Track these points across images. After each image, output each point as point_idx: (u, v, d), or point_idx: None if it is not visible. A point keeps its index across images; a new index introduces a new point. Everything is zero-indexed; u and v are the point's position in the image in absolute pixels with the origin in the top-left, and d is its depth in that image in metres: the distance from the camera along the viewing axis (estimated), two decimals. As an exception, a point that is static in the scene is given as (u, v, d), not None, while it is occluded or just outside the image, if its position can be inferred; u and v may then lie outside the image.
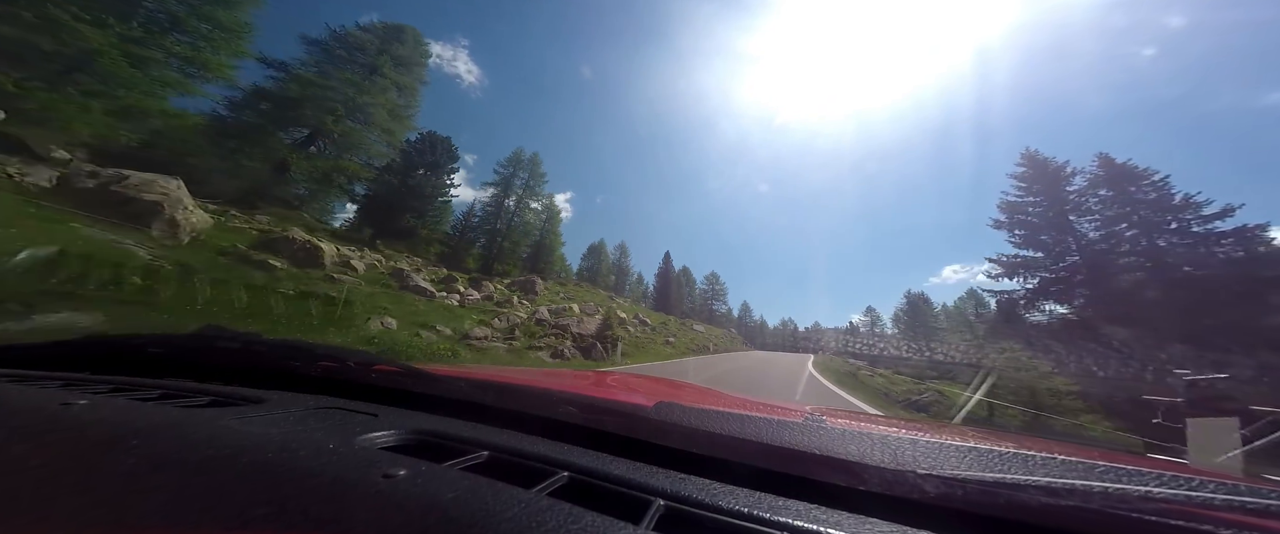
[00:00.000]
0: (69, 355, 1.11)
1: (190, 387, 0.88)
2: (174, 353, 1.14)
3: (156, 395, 0.79)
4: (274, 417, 0.73)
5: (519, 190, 41.14)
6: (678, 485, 0.56)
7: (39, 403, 0.61)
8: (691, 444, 0.69)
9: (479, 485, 0.46)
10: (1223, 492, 0.48)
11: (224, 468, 0.45)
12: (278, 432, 0.57)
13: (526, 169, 41.96)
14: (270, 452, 0.49)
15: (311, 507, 0.39)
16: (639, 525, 0.44)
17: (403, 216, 29.11)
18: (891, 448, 0.61)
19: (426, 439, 0.70)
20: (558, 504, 0.43)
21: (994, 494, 0.52)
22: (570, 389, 1.09)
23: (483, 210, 40.29)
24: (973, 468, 0.55)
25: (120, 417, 0.56)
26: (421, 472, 0.48)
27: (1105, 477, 0.51)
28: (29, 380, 0.86)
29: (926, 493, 0.54)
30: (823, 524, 0.49)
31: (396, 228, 28.64)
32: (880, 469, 0.57)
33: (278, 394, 0.89)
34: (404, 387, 0.98)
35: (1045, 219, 23.89)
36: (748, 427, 0.69)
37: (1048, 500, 0.49)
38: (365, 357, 1.10)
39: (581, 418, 0.80)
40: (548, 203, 45.18)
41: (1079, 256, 22.33)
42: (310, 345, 1.12)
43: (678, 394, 1.34)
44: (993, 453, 0.59)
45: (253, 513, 0.38)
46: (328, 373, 1.05)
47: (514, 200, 40.47)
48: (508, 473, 0.56)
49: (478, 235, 38.66)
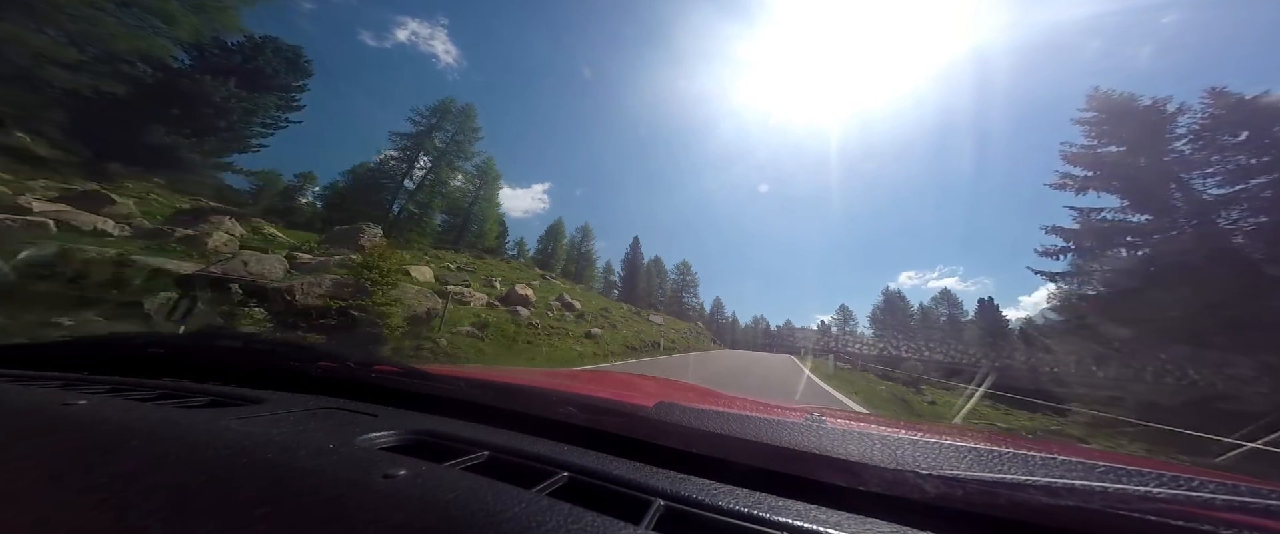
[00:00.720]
0: (68, 355, 1.11)
1: (190, 387, 0.88)
2: (173, 353, 1.14)
3: (156, 396, 0.79)
4: (274, 417, 0.73)
5: (439, 145, 33.38)
6: (678, 485, 0.56)
7: (39, 403, 0.61)
8: (691, 444, 0.69)
9: (479, 485, 0.46)
10: (1223, 492, 0.48)
11: (224, 468, 0.45)
12: (278, 432, 0.57)
13: (455, 123, 34.23)
14: (270, 452, 0.49)
15: (312, 507, 0.39)
16: (639, 525, 0.44)
17: (158, 131, 20.41)
18: (891, 448, 0.61)
19: (426, 439, 0.70)
20: (558, 504, 0.43)
21: (994, 494, 0.52)
22: (570, 389, 1.09)
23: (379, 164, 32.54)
24: (973, 468, 0.55)
25: (120, 417, 0.56)
26: (421, 472, 0.48)
27: (1105, 477, 0.51)
28: (29, 380, 0.86)
29: (926, 493, 0.54)
30: (823, 524, 0.49)
31: (143, 146, 19.72)
32: (880, 469, 0.57)
33: (277, 394, 0.89)
34: (404, 387, 0.98)
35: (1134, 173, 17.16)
36: (748, 427, 0.69)
37: (1048, 500, 0.49)
38: (365, 357, 1.10)
39: (581, 418, 0.80)
40: (487, 167, 37.80)
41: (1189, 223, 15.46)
42: (310, 346, 1.12)
43: (678, 394, 1.34)
44: (993, 453, 0.59)
45: (253, 513, 0.38)
46: (327, 373, 1.05)
47: (432, 158, 33.27)
48: (508, 473, 0.56)
49: (370, 192, 31.28)
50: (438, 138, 33.76)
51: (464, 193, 36.89)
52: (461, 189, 36.52)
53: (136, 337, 1.15)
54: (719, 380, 13.86)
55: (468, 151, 35.52)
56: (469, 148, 35.43)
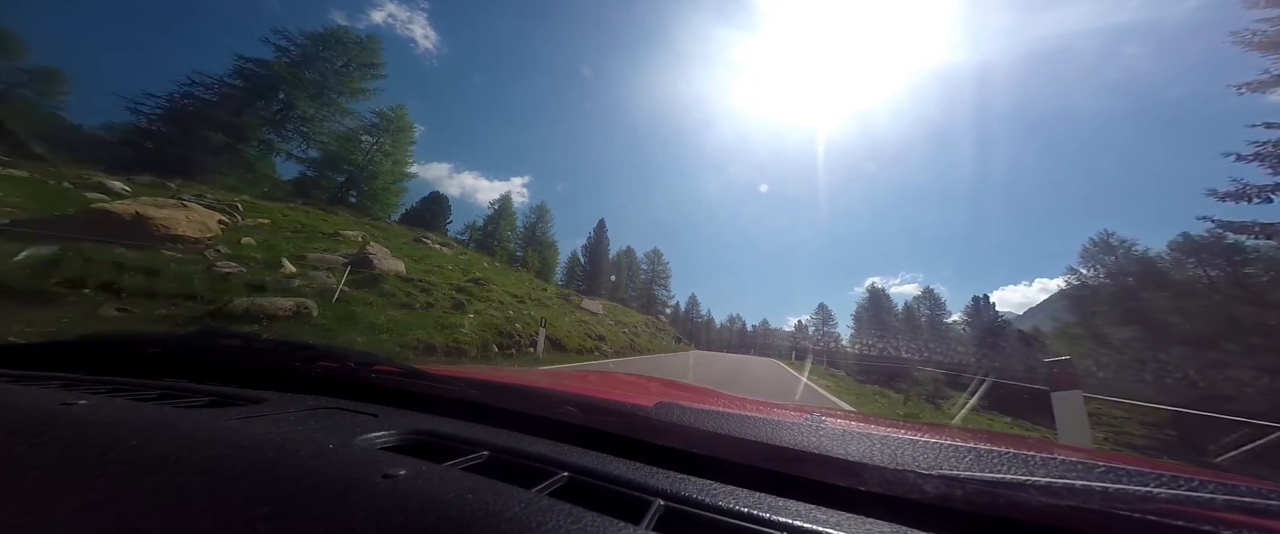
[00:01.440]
0: (68, 355, 1.11)
1: (189, 387, 0.88)
2: (173, 353, 1.14)
3: (155, 396, 0.79)
4: (274, 417, 0.73)
5: (316, 78, 26.17)
6: (677, 485, 0.56)
7: (38, 403, 0.61)
8: (691, 444, 0.69)
9: (479, 485, 0.46)
10: (1223, 492, 0.48)
11: (224, 468, 0.45)
12: (277, 432, 0.57)
13: (347, 55, 27.07)
14: (270, 452, 0.49)
15: (312, 507, 0.39)
16: (639, 525, 0.44)
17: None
18: (891, 448, 0.61)
19: (426, 439, 0.70)
20: (557, 504, 0.43)
21: (994, 494, 0.52)
22: (570, 389, 1.09)
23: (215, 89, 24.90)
24: (973, 468, 0.55)
25: (119, 417, 0.56)
26: (421, 472, 0.48)
27: (1105, 477, 0.51)
28: (28, 380, 0.86)
29: (926, 493, 0.54)
30: (823, 524, 0.49)
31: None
32: (880, 469, 0.57)
33: (277, 394, 0.89)
34: (404, 387, 0.98)
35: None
36: (748, 427, 0.69)
37: (1048, 500, 0.49)
38: (365, 357, 1.10)
39: (581, 418, 0.81)
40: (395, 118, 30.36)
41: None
42: (310, 345, 1.12)
43: (678, 394, 1.34)
44: (993, 453, 0.59)
45: (253, 513, 0.38)
46: (327, 373, 1.05)
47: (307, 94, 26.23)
48: (508, 473, 0.56)
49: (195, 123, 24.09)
50: (313, 71, 26.55)
51: (355, 144, 29.17)
52: (350, 137, 28.95)
53: (136, 336, 1.15)
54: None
55: (356, 89, 27.93)
56: (361, 85, 27.93)
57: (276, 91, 26.28)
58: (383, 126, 30.88)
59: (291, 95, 26.35)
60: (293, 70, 26.58)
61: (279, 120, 26.42)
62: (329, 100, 27.90)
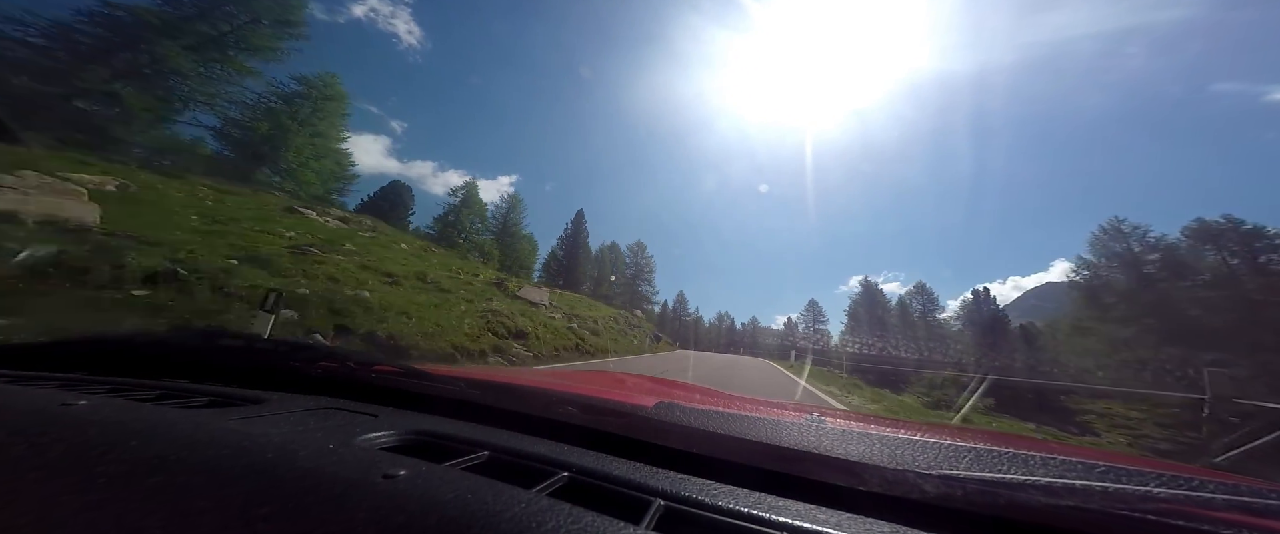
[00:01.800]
0: (67, 355, 1.11)
1: (189, 387, 0.88)
2: (173, 353, 1.14)
3: (155, 396, 0.79)
4: (273, 417, 0.73)
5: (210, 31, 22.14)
6: (677, 485, 0.56)
7: (38, 403, 0.61)
8: (691, 444, 0.69)
9: (479, 485, 0.46)
10: (1223, 492, 0.48)
11: (224, 469, 0.45)
12: (277, 432, 0.57)
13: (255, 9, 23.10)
14: (270, 452, 0.49)
15: (312, 507, 0.39)
16: (639, 525, 0.44)
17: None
18: (891, 448, 0.61)
19: (426, 439, 0.70)
20: (557, 504, 0.43)
21: (994, 494, 0.52)
22: (570, 389, 1.10)
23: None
24: (973, 468, 0.55)
25: (119, 417, 0.56)
26: (421, 472, 0.48)
27: (1105, 477, 0.51)
28: (28, 380, 0.86)
29: (926, 493, 0.54)
30: (823, 524, 0.49)
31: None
32: (880, 469, 0.57)
33: (277, 395, 0.89)
34: (404, 387, 0.98)
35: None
36: (748, 427, 0.69)
37: (1048, 500, 0.49)
38: (365, 357, 1.10)
39: (581, 418, 0.81)
40: (326, 86, 26.54)
41: None
42: (311, 345, 1.12)
43: (678, 394, 1.34)
44: (993, 453, 0.59)
45: (253, 513, 0.38)
46: (327, 373, 1.05)
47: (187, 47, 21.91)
48: (508, 473, 0.56)
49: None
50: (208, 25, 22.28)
51: (266, 111, 24.84)
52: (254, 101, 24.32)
53: (136, 336, 1.15)
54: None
55: (264, 47, 23.35)
56: (272, 44, 23.43)
57: (140, 43, 21.50)
58: (305, 94, 26.82)
59: (162, 47, 21.42)
60: (164, 18, 21.93)
61: (148, 76, 21.53)
62: (225, 57, 23.51)
